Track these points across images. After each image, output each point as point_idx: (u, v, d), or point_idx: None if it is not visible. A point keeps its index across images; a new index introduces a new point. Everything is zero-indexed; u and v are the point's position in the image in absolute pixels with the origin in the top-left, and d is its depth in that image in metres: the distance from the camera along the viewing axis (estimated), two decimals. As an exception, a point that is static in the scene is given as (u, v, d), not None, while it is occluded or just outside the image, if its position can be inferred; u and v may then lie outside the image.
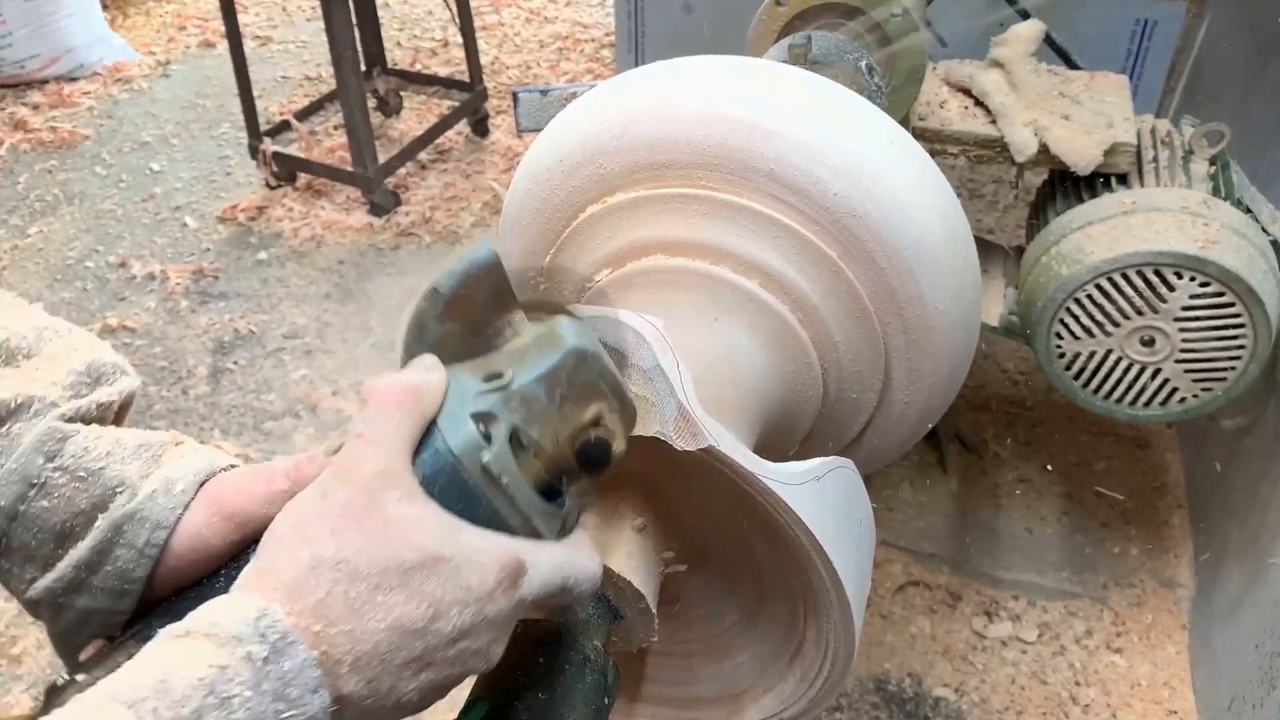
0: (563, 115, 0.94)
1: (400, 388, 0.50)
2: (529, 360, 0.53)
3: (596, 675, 0.59)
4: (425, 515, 0.47)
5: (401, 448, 0.49)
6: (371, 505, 0.46)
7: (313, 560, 0.45)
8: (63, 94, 3.13)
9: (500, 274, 0.56)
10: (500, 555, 0.48)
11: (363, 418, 0.49)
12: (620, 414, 0.55)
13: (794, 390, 0.87)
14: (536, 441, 0.52)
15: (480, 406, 0.51)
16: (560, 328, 0.55)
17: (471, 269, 0.56)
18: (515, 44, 3.47)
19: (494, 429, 0.50)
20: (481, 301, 0.56)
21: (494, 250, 0.56)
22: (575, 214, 0.90)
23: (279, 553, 0.46)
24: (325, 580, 0.44)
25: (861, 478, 0.73)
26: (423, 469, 0.49)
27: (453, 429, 0.50)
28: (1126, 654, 1.59)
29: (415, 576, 0.46)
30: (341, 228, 2.58)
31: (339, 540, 0.45)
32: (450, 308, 0.56)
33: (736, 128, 0.83)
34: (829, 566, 0.64)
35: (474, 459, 0.49)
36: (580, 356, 0.53)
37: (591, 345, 0.54)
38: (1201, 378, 1.34)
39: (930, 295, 0.86)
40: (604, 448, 0.54)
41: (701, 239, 0.84)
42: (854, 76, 1.21)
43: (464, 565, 0.47)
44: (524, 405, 0.51)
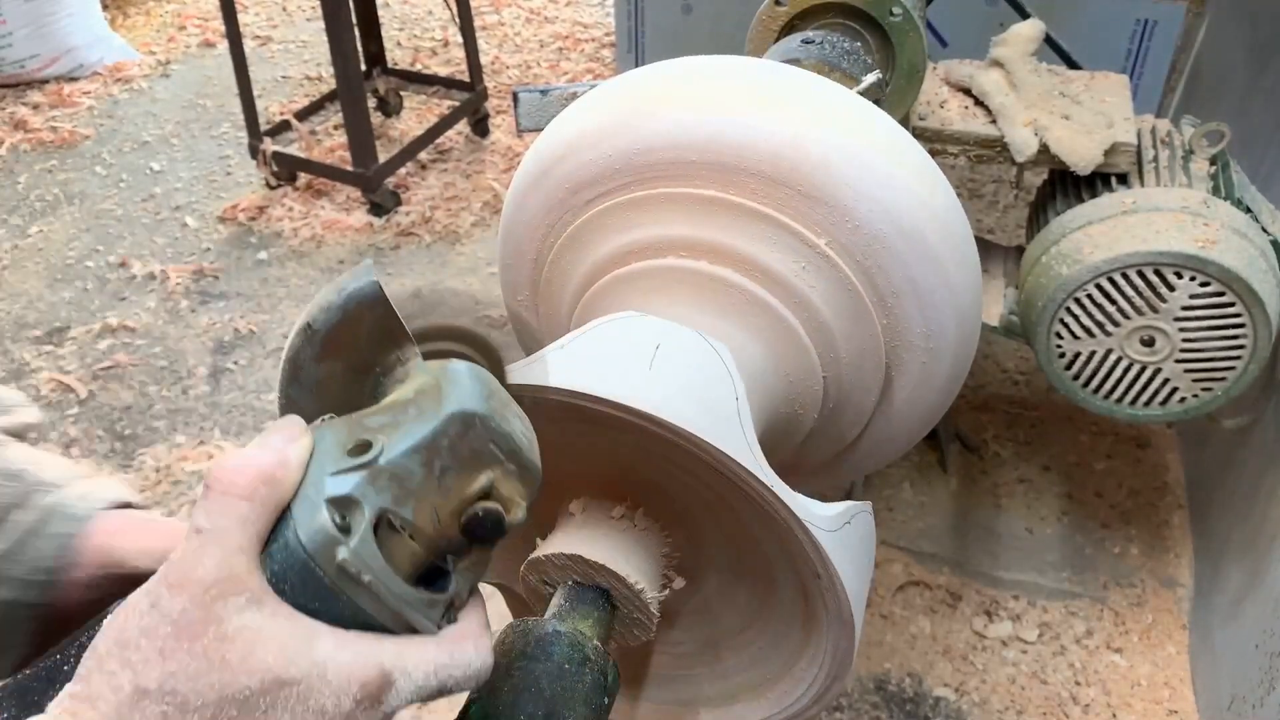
0: (563, 115, 0.94)
1: (249, 472, 0.43)
2: (404, 425, 0.46)
3: (596, 675, 0.59)
4: (272, 626, 0.41)
5: (247, 544, 0.43)
6: (208, 618, 0.40)
7: (135, 691, 0.39)
8: (63, 94, 3.13)
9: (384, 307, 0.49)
10: (359, 670, 0.42)
11: (204, 509, 0.43)
12: (519, 476, 0.48)
13: (794, 391, 0.87)
14: (411, 522, 0.45)
15: (338, 489, 0.44)
16: (447, 380, 0.47)
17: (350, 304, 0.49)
18: (515, 44, 3.47)
19: (354, 517, 0.43)
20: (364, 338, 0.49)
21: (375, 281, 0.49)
22: (576, 214, 0.90)
23: (99, 677, 0.40)
24: (151, 715, 0.39)
25: (863, 479, 0.74)
26: (272, 564, 0.43)
27: (305, 518, 0.43)
28: (1126, 654, 1.59)
29: (256, 704, 0.40)
30: (341, 228, 2.58)
31: (165, 665, 0.40)
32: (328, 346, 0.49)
33: (736, 127, 0.83)
34: (846, 611, 0.65)
35: (329, 555, 0.43)
36: (465, 421, 0.46)
37: (481, 403, 0.46)
38: (1201, 378, 1.34)
39: (930, 296, 0.86)
40: (496, 520, 0.47)
41: (701, 239, 0.84)
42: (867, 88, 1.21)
43: (316, 686, 0.41)
44: (394, 483, 0.44)
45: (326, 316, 0.49)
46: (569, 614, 0.65)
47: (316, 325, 0.49)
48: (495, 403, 0.48)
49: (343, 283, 0.49)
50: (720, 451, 0.61)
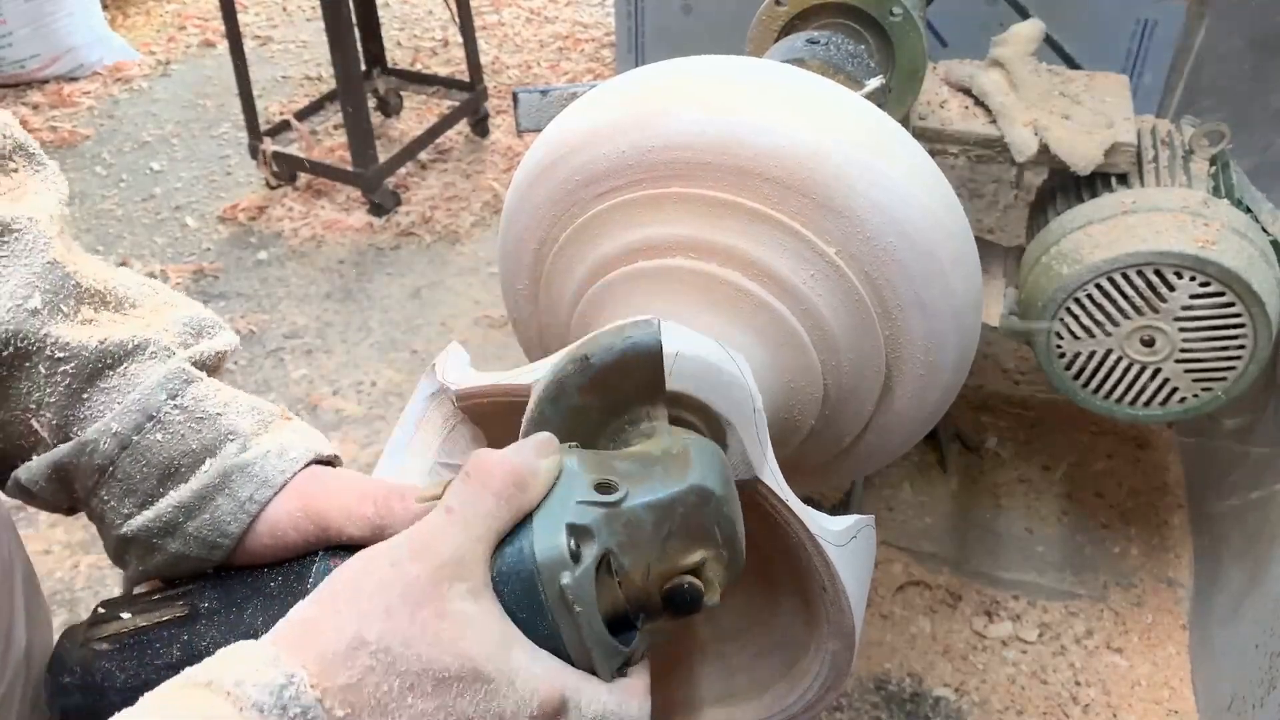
0: (563, 115, 0.94)
1: (505, 471, 0.47)
2: (649, 480, 0.49)
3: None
4: (483, 619, 0.45)
5: (487, 536, 0.46)
6: (434, 594, 0.44)
7: (355, 639, 0.42)
8: (63, 94, 3.13)
9: (658, 364, 0.53)
10: (545, 689, 0.45)
11: (458, 492, 0.47)
12: (727, 564, 0.50)
13: (794, 390, 0.87)
14: (626, 570, 0.48)
15: (580, 519, 0.47)
16: (695, 452, 0.50)
17: (630, 352, 0.52)
18: (515, 44, 3.47)
19: (586, 548, 0.46)
20: (629, 385, 0.53)
21: (659, 339, 0.53)
22: (576, 215, 0.90)
23: (326, 615, 0.44)
24: (361, 665, 0.42)
25: (863, 479, 0.74)
26: (501, 563, 0.46)
27: (544, 534, 0.46)
28: (1127, 654, 1.59)
29: (450, 688, 0.43)
30: (342, 227, 2.58)
31: (387, 624, 0.43)
32: (595, 383, 0.53)
33: (737, 127, 0.83)
34: (849, 624, 0.66)
35: (553, 576, 0.45)
36: (703, 495, 0.49)
37: (720, 485, 0.49)
38: (1201, 378, 1.34)
39: (930, 296, 0.86)
40: (696, 597, 0.49)
41: (711, 241, 0.84)
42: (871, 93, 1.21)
43: (503, 689, 0.44)
44: (627, 530, 0.47)
45: (604, 356, 0.53)
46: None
47: (594, 360, 0.52)
48: (729, 491, 0.51)
49: (627, 329, 0.53)
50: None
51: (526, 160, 0.95)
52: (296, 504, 0.56)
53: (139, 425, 0.54)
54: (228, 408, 0.57)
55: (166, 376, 0.55)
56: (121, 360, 0.56)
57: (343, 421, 2.02)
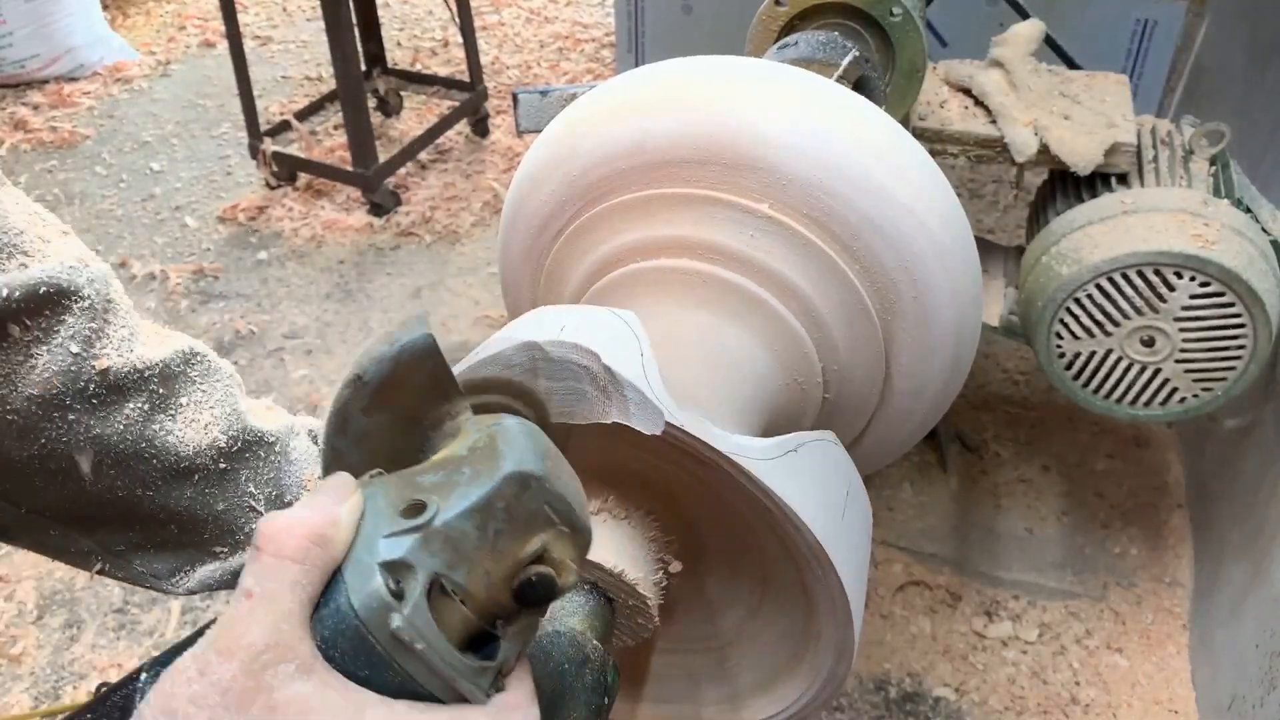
0: (562, 116, 0.94)
1: (299, 533, 0.42)
2: (459, 485, 0.45)
3: (596, 675, 0.59)
4: (320, 695, 0.41)
5: (298, 609, 0.41)
6: (257, 687, 0.40)
7: None
8: (63, 94, 3.13)
9: (437, 359, 0.48)
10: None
11: (253, 571, 0.42)
12: (571, 539, 0.47)
13: (794, 391, 0.87)
14: (464, 587, 0.44)
15: (392, 554, 0.42)
16: (500, 439, 0.46)
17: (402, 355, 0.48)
18: (515, 44, 3.47)
19: (408, 582, 0.42)
20: (415, 390, 0.49)
21: (429, 334, 0.48)
22: (575, 215, 0.90)
23: None
24: None
25: (844, 449, 0.73)
26: (322, 628, 0.42)
27: (358, 584, 0.42)
28: (1127, 654, 1.59)
29: None
30: (341, 228, 2.58)
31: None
32: (378, 398, 0.48)
33: (736, 127, 0.83)
34: (811, 539, 0.62)
35: (382, 622, 0.41)
36: (522, 482, 0.45)
37: (537, 464, 0.45)
38: (1201, 378, 1.34)
39: (930, 296, 0.86)
40: (548, 585, 0.45)
41: (701, 239, 0.84)
42: (845, 70, 1.21)
43: None
44: (448, 546, 0.43)
45: (378, 369, 0.48)
46: (566, 614, 0.65)
47: (367, 377, 0.48)
48: (550, 463, 0.47)
49: (395, 334, 0.48)
50: None
51: (510, 191, 0.98)
52: None
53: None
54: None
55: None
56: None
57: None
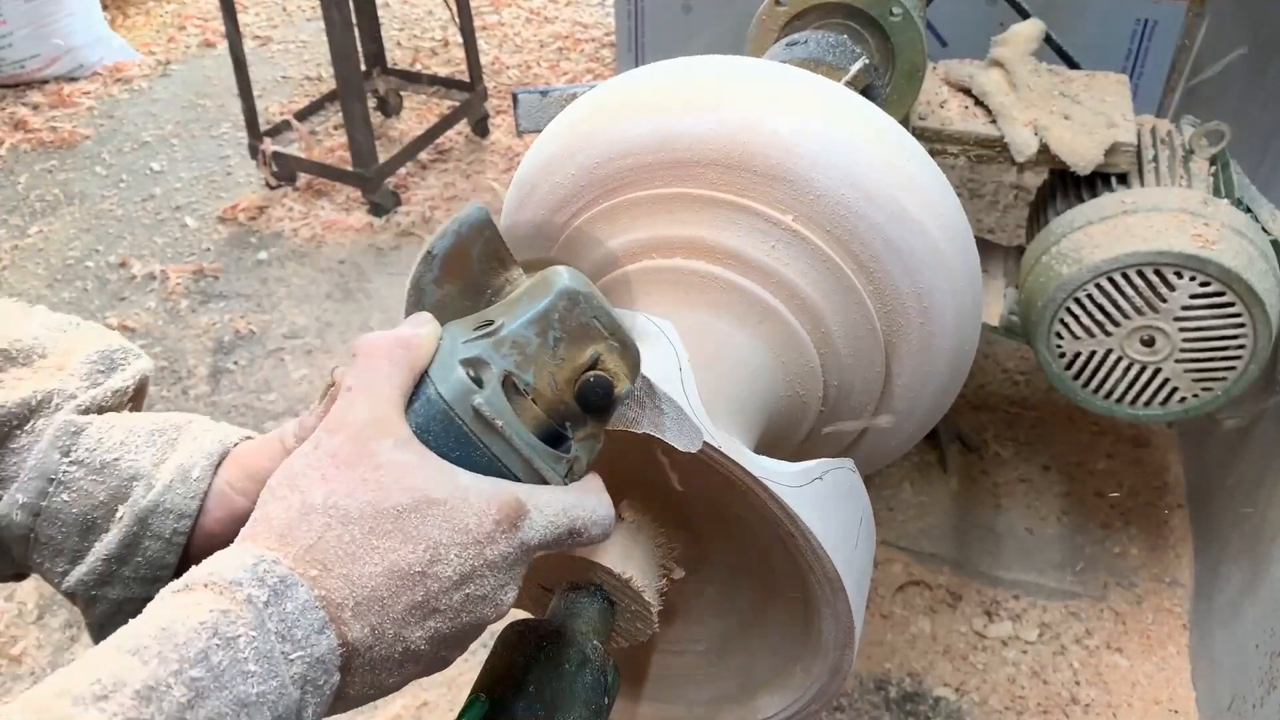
0: (561, 117, 0.94)
1: (390, 339, 0.50)
2: (520, 306, 0.52)
3: (596, 675, 0.59)
4: (418, 461, 0.47)
5: (393, 396, 0.48)
6: (363, 452, 0.46)
7: (303, 506, 0.44)
8: (63, 94, 3.13)
9: (493, 231, 0.56)
10: (497, 496, 0.47)
11: (353, 371, 0.49)
12: (621, 353, 0.53)
13: (794, 390, 0.87)
14: (532, 386, 0.50)
15: (470, 353, 0.50)
16: (551, 274, 0.53)
17: (463, 228, 0.55)
18: (515, 44, 3.47)
19: (485, 374, 0.49)
20: (477, 261, 0.56)
21: (484, 208, 0.56)
22: (575, 215, 0.90)
23: (271, 503, 0.46)
24: (317, 525, 0.44)
25: (861, 477, 0.73)
26: (415, 419, 0.48)
27: (443, 376, 0.49)
28: (1127, 654, 1.59)
29: (409, 519, 0.45)
30: (341, 228, 2.58)
31: (328, 485, 0.45)
32: (445, 269, 0.56)
33: (736, 127, 0.83)
34: (830, 567, 0.64)
35: (466, 403, 0.48)
36: (572, 297, 0.51)
37: (584, 286, 0.52)
38: (1201, 377, 1.34)
39: (931, 295, 0.86)
40: (605, 388, 0.52)
41: (721, 243, 0.84)
42: (855, 75, 1.21)
43: (459, 507, 0.46)
44: (516, 349, 0.50)
45: (443, 241, 0.55)
46: (567, 614, 0.65)
47: (435, 251, 0.55)
48: (594, 290, 0.53)
49: (456, 215, 0.57)
50: None
51: (510, 191, 0.97)
52: (236, 470, 0.58)
53: (42, 491, 0.55)
54: (124, 446, 0.57)
55: (55, 435, 0.56)
56: (27, 418, 0.56)
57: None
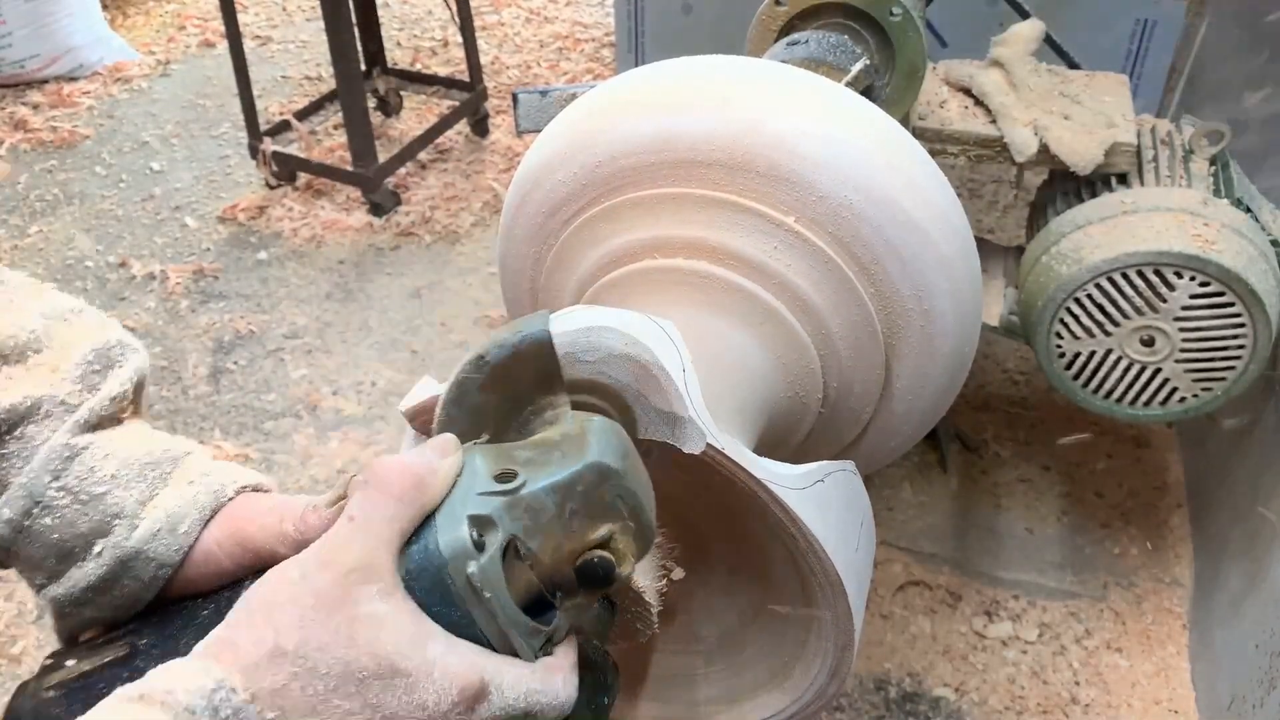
0: (562, 116, 0.94)
1: (405, 476, 0.49)
2: (548, 464, 0.51)
3: (596, 675, 0.59)
4: (395, 618, 0.46)
5: (391, 538, 0.48)
6: (344, 600, 0.46)
7: (275, 648, 0.44)
8: (63, 94, 3.13)
9: (550, 354, 0.56)
10: (462, 677, 0.47)
11: (359, 500, 0.48)
12: (635, 535, 0.52)
13: (794, 391, 0.87)
14: (534, 553, 0.49)
15: (480, 509, 0.49)
16: (591, 433, 0.52)
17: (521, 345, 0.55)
18: (515, 44, 3.47)
19: (489, 536, 0.48)
20: (527, 378, 0.56)
21: (548, 330, 0.56)
22: (575, 215, 0.90)
23: (245, 629, 0.45)
24: (285, 672, 0.44)
25: (861, 478, 0.73)
26: (409, 562, 0.48)
27: (447, 528, 0.48)
28: (1127, 654, 1.59)
29: (372, 687, 0.45)
30: (341, 228, 2.58)
31: (304, 634, 0.45)
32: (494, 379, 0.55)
33: (739, 128, 0.83)
34: (830, 569, 0.64)
35: (460, 566, 0.47)
36: (602, 472, 0.50)
37: (617, 460, 0.51)
38: (1201, 377, 1.34)
39: (931, 297, 0.86)
40: (607, 570, 0.51)
41: (702, 239, 0.84)
42: (855, 76, 1.21)
43: (422, 681, 0.46)
44: (529, 514, 0.49)
45: (499, 352, 0.55)
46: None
47: (489, 358, 0.55)
48: (629, 463, 0.52)
49: (520, 325, 0.56)
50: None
51: (510, 191, 0.97)
52: (226, 531, 0.58)
53: (27, 511, 0.55)
54: (114, 480, 0.57)
55: (49, 456, 0.55)
56: (16, 424, 0.55)
57: (343, 422, 2.02)
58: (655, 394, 0.62)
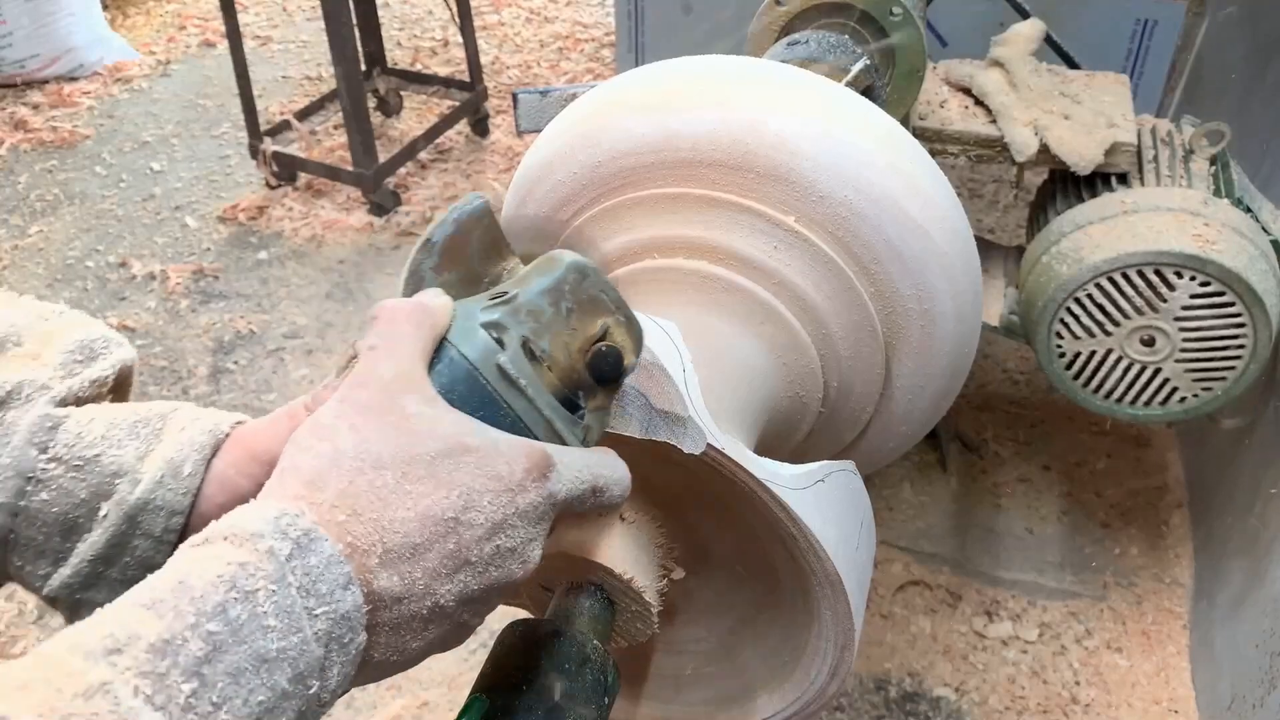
0: (562, 116, 0.94)
1: (410, 303, 0.50)
2: (531, 278, 0.53)
3: (596, 675, 0.59)
4: (448, 414, 0.47)
5: (416, 355, 0.48)
6: (391, 405, 0.45)
7: (334, 453, 0.43)
8: (63, 94, 3.13)
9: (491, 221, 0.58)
10: (527, 448, 0.47)
11: (374, 332, 0.49)
12: (628, 327, 0.55)
13: (794, 391, 0.87)
14: (548, 352, 0.52)
15: (489, 317, 0.51)
16: (557, 252, 0.55)
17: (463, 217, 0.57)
18: (515, 44, 3.47)
19: (506, 337, 0.51)
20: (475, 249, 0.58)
21: (485, 199, 0.58)
22: (575, 215, 0.90)
23: (298, 454, 0.44)
24: (348, 470, 0.43)
25: (861, 478, 0.73)
26: (439, 380, 0.49)
27: (465, 339, 0.50)
28: (1127, 654, 1.59)
29: (442, 465, 0.44)
30: (342, 227, 2.58)
31: (359, 434, 0.44)
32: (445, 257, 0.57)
33: (739, 128, 0.83)
34: (831, 569, 0.64)
35: (490, 363, 0.50)
36: (581, 270, 0.54)
37: (588, 262, 0.54)
38: (1201, 377, 1.34)
39: (931, 297, 0.86)
40: (616, 358, 0.54)
41: (722, 243, 0.84)
42: (856, 76, 1.21)
43: (491, 454, 0.46)
44: (531, 317, 0.52)
45: (443, 230, 0.57)
46: (567, 614, 0.65)
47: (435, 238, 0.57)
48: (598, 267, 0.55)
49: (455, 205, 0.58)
50: None
51: (510, 191, 0.97)
52: (239, 452, 0.55)
53: (20, 490, 0.51)
54: (106, 440, 0.54)
55: (31, 430, 0.52)
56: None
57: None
58: (656, 394, 0.62)
